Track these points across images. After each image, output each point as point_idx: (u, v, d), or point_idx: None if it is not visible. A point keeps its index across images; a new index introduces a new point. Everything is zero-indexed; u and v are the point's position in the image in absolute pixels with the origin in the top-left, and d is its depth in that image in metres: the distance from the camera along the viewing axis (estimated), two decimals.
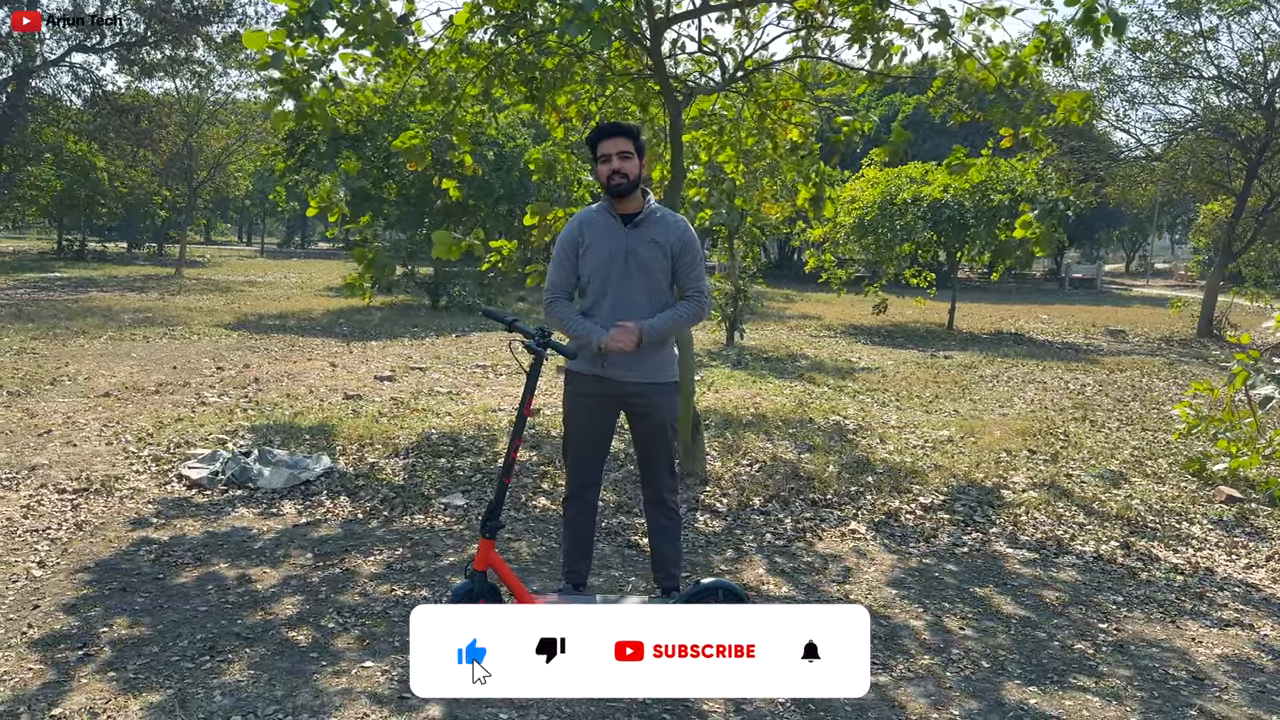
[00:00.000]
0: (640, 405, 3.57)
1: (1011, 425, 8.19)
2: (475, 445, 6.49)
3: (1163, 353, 15.37)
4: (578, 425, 3.64)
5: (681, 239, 3.54)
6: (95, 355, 10.74)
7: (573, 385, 3.63)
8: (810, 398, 9.33)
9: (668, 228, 3.55)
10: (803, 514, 5.33)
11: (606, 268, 3.49)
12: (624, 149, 3.45)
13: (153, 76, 23.34)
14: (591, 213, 3.61)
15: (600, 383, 3.53)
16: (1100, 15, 5.17)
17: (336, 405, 7.95)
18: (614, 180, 3.45)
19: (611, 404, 3.60)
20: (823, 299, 25.11)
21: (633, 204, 3.53)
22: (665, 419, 3.60)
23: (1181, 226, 56.23)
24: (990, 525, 5.33)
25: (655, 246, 3.49)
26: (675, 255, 3.53)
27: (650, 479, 3.68)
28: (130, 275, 26.02)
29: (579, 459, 3.66)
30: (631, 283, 3.48)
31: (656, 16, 6.25)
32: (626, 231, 3.50)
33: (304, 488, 5.54)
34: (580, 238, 3.55)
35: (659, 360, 3.55)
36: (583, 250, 3.53)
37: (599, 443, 3.67)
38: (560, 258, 3.58)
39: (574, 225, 3.60)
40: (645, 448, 3.65)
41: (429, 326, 15.44)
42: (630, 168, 3.45)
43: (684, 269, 3.56)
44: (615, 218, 3.53)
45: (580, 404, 3.61)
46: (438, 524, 4.98)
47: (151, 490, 5.47)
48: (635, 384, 3.52)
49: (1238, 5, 16.83)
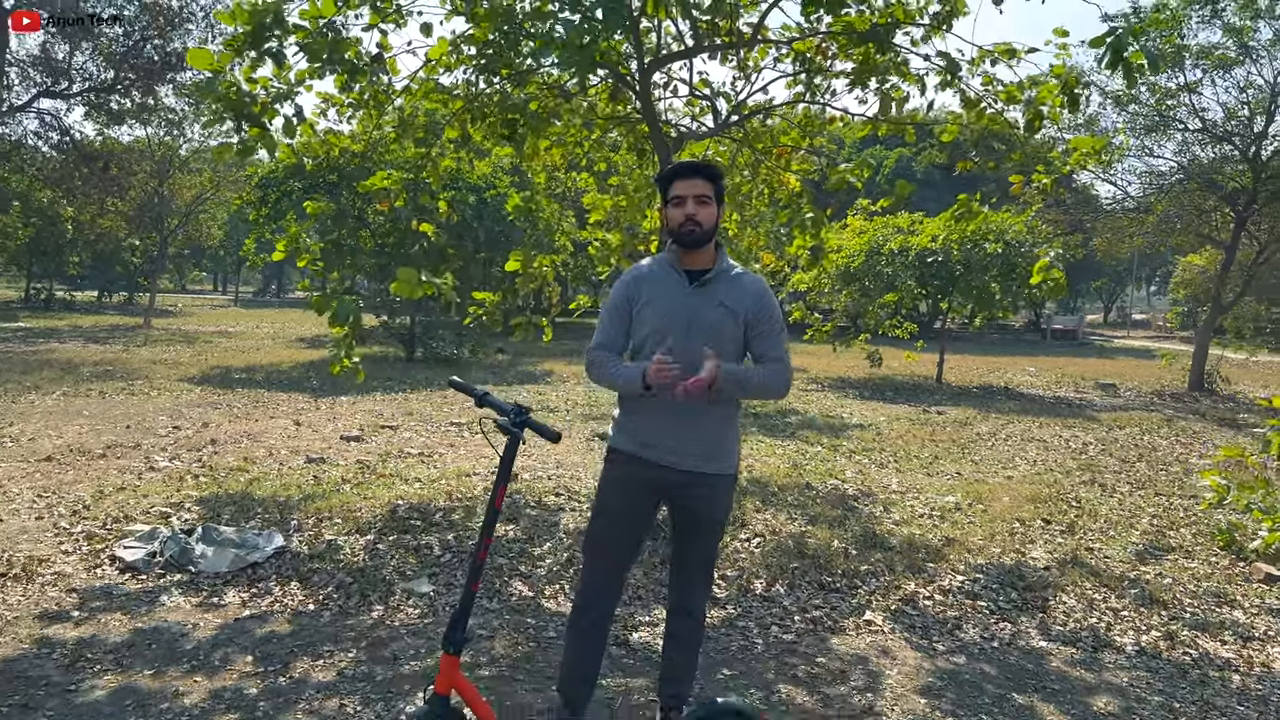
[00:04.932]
0: (688, 498, 2.98)
1: (1020, 490, 7.70)
2: (446, 519, 5.90)
3: (1158, 408, 15.00)
4: (608, 515, 3.04)
5: (759, 303, 2.96)
6: (44, 413, 10.08)
7: (611, 466, 3.05)
8: (804, 458, 8.82)
9: (742, 289, 2.96)
10: (811, 600, 4.78)
11: (664, 333, 2.90)
12: (703, 193, 2.90)
13: (122, 124, 22.84)
14: (651, 266, 3.03)
15: (641, 466, 2.95)
16: (1132, 53, 4.77)
17: (297, 470, 7.34)
18: (687, 228, 2.89)
19: (652, 493, 3.01)
20: (808, 350, 24.69)
21: (703, 258, 2.97)
22: (717, 518, 3.03)
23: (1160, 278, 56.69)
24: (1018, 613, 4.80)
25: (725, 311, 2.91)
26: (749, 323, 2.95)
27: (683, 586, 3.09)
28: (96, 326, 25.28)
29: (602, 556, 3.06)
30: (694, 352, 2.85)
31: (647, 60, 5.85)
32: (691, 291, 2.93)
33: (251, 571, 4.93)
34: (635, 294, 2.98)
35: (719, 443, 2.97)
36: (637, 309, 2.96)
37: (630, 539, 3.06)
38: (610, 318, 3.00)
39: (628, 280, 3.03)
40: (685, 549, 3.07)
41: (403, 380, 14.84)
42: (707, 215, 2.90)
43: (760, 338, 2.96)
44: (679, 273, 2.96)
45: (615, 489, 3.03)
46: (400, 618, 4.39)
47: (79, 575, 4.85)
48: (686, 472, 2.94)
49: (1222, 59, 16.80)
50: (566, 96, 6.40)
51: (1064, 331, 39.46)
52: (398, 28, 5.42)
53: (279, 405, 11.35)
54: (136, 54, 19.96)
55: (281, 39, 4.70)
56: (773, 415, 12.12)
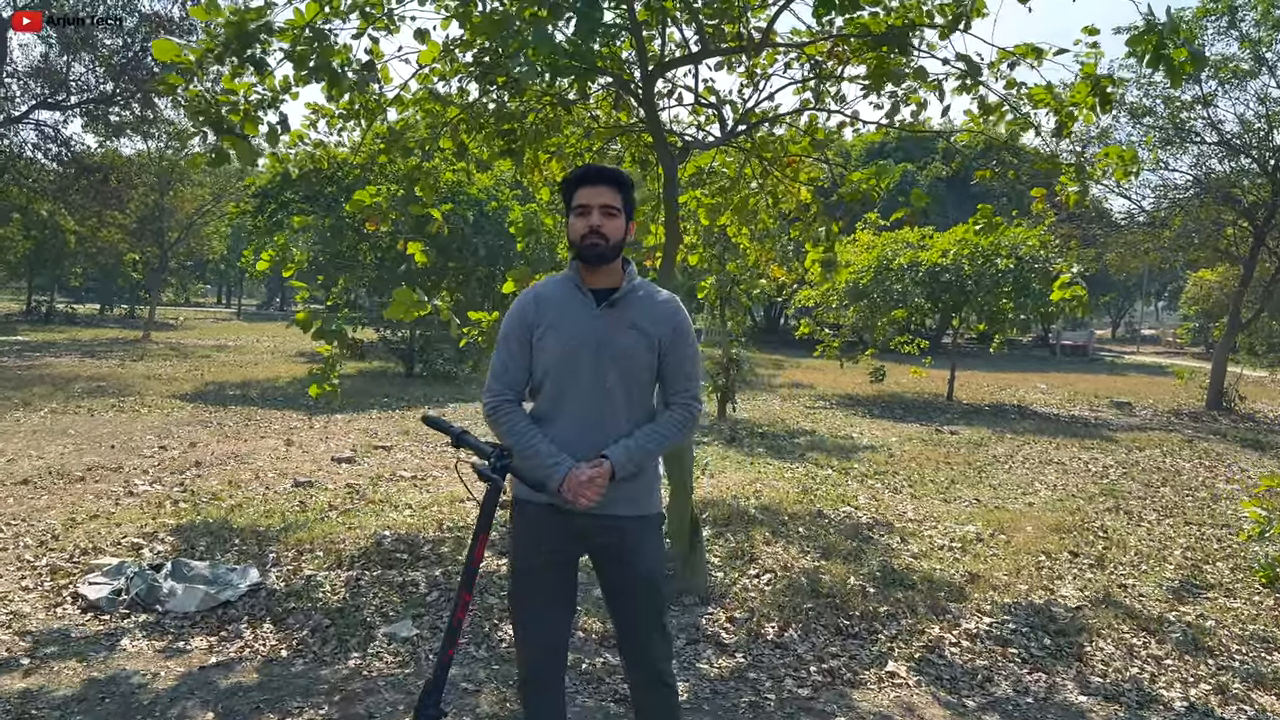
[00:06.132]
0: (611, 548, 2.60)
1: (1042, 519, 7.31)
2: (435, 551, 5.53)
3: (1177, 428, 14.59)
4: (528, 577, 2.63)
5: (674, 326, 2.61)
6: (29, 432, 9.75)
7: (521, 520, 2.65)
8: (815, 482, 8.44)
9: (655, 309, 2.61)
10: (828, 648, 4.40)
11: (570, 361, 2.54)
12: (608, 202, 2.54)
13: (122, 135, 22.61)
14: (552, 284, 2.66)
15: (556, 516, 2.56)
16: (1173, 51, 4.41)
17: (282, 495, 6.99)
18: (590, 241, 2.53)
19: (575, 542, 2.62)
20: (813, 365, 24.33)
21: (609, 276, 2.61)
22: (649, 566, 2.62)
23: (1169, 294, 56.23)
24: (1053, 661, 4.41)
25: (638, 335, 2.56)
26: (664, 349, 2.60)
27: (634, 652, 2.67)
28: (94, 339, 24.99)
29: (531, 616, 2.63)
30: (604, 384, 2.53)
31: (650, 67, 5.52)
32: (599, 313, 2.57)
33: (222, 610, 4.58)
34: (535, 318, 2.60)
35: (639, 484, 2.60)
36: (538, 335, 2.58)
37: (558, 593, 2.65)
38: (507, 345, 2.61)
39: (526, 301, 2.64)
40: (623, 608, 2.65)
41: (401, 396, 14.49)
42: (613, 228, 2.54)
43: (673, 366, 2.62)
44: (585, 293, 2.60)
45: (531, 542, 2.63)
46: (378, 666, 4.02)
47: (37, 615, 4.49)
48: (603, 517, 2.55)
49: (1237, 71, 16.46)
50: (567, 106, 6.07)
51: (1074, 347, 38.97)
52: (389, 34, 5.12)
53: (271, 424, 11.00)
54: (136, 65, 19.74)
55: (265, 45, 4.39)
56: (781, 436, 11.74)
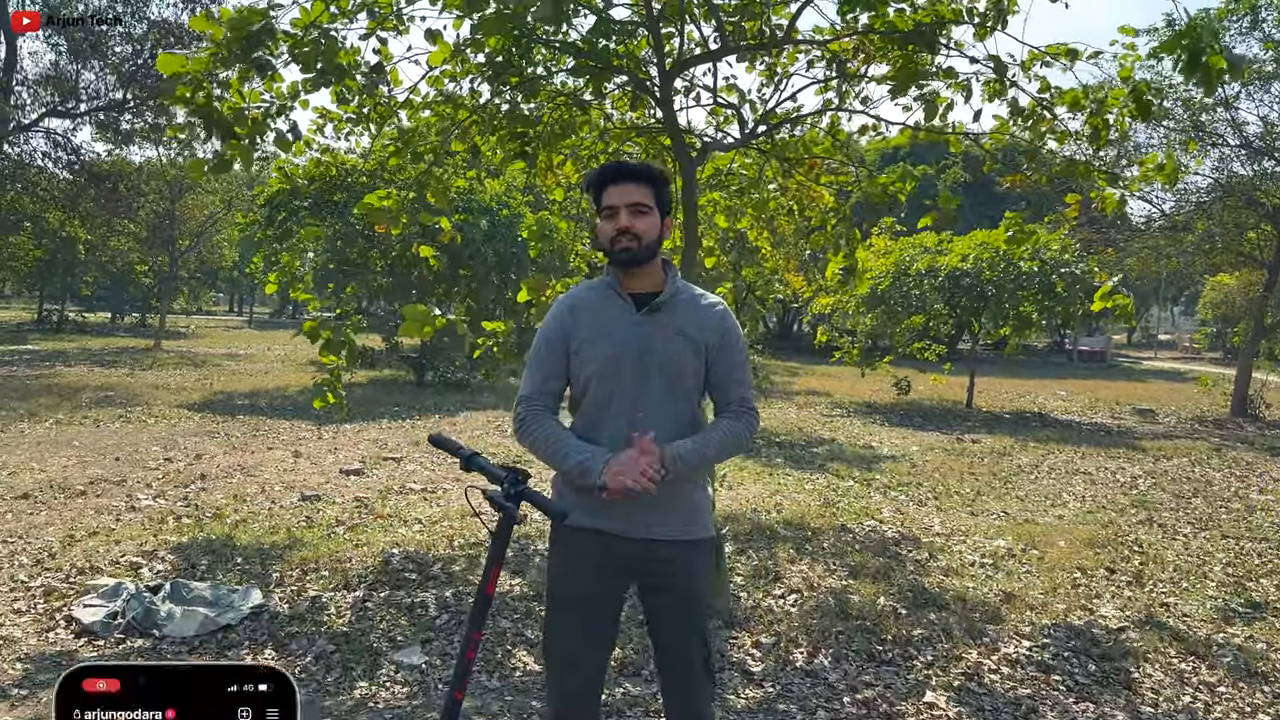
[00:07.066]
0: (662, 575, 2.39)
1: (1075, 533, 7.04)
2: (445, 570, 5.31)
3: (1202, 435, 14.26)
4: (568, 607, 2.42)
5: (721, 330, 2.41)
6: (33, 443, 9.58)
7: (562, 546, 2.44)
8: (837, 494, 8.19)
9: (700, 314, 2.41)
10: (861, 676, 4.15)
11: (613, 372, 2.33)
12: (638, 200, 2.33)
13: (132, 143, 22.54)
14: (588, 290, 2.46)
15: (603, 542, 2.35)
16: (1210, 56, 4.16)
17: (289, 510, 6.78)
18: (621, 244, 2.32)
19: (620, 573, 2.41)
20: (829, 373, 24.05)
21: (648, 279, 2.41)
22: (697, 593, 2.43)
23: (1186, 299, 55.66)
24: (1100, 689, 4.15)
25: (685, 341, 2.36)
26: (712, 356, 2.40)
27: (678, 689, 2.44)
28: (104, 348, 24.90)
29: (568, 658, 2.40)
30: (651, 394, 2.33)
31: (668, 65, 5.30)
32: (641, 319, 2.36)
33: (222, 635, 4.36)
34: (572, 328, 2.40)
35: (688, 505, 2.40)
36: (576, 346, 2.38)
37: (599, 633, 2.42)
38: (541, 358, 2.41)
39: (561, 310, 2.45)
40: (670, 639, 2.43)
41: (412, 405, 14.30)
42: (645, 226, 2.33)
43: (723, 372, 2.41)
44: (624, 299, 2.39)
45: (572, 573, 2.42)
46: (385, 697, 3.79)
47: (27, 640, 4.28)
48: (655, 542, 2.35)
49: (1260, 72, 16.15)
50: (582, 107, 5.87)
51: (1091, 353, 38.44)
52: (398, 35, 4.92)
53: (279, 434, 10.81)
54: (146, 72, 19.66)
55: (272, 48, 4.20)
56: (799, 445, 11.49)
